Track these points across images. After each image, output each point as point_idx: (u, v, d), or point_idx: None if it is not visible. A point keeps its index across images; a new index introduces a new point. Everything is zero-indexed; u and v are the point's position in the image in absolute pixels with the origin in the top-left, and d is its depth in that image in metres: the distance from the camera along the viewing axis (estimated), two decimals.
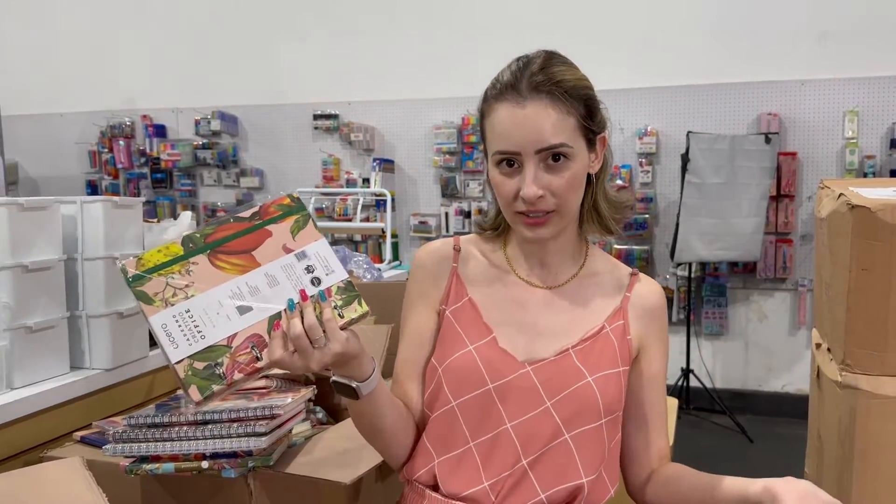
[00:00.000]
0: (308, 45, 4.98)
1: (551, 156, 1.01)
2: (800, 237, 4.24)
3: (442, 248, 1.17)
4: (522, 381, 1.05)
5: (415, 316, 1.15)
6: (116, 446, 1.20)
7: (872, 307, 1.22)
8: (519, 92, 1.01)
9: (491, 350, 1.07)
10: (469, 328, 1.09)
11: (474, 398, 1.05)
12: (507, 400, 1.04)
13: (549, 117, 1.00)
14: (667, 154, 4.38)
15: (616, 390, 1.07)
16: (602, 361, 1.07)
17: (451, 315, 1.11)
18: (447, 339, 1.10)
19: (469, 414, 1.05)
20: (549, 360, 1.06)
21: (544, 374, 1.05)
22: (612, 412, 1.07)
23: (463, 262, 1.15)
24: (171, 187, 5.30)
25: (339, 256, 3.01)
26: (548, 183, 1.02)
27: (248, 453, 1.18)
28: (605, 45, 4.33)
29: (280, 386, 1.39)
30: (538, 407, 1.04)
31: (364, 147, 4.91)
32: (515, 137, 1.01)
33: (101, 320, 1.66)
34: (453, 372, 1.07)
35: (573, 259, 1.15)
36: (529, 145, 1.00)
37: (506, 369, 1.06)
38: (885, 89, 4.05)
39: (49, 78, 5.45)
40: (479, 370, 1.05)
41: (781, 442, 3.80)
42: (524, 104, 1.00)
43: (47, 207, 1.59)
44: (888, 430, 1.22)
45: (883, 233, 1.19)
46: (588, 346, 1.08)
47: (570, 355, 1.07)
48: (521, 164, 1.02)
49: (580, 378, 1.05)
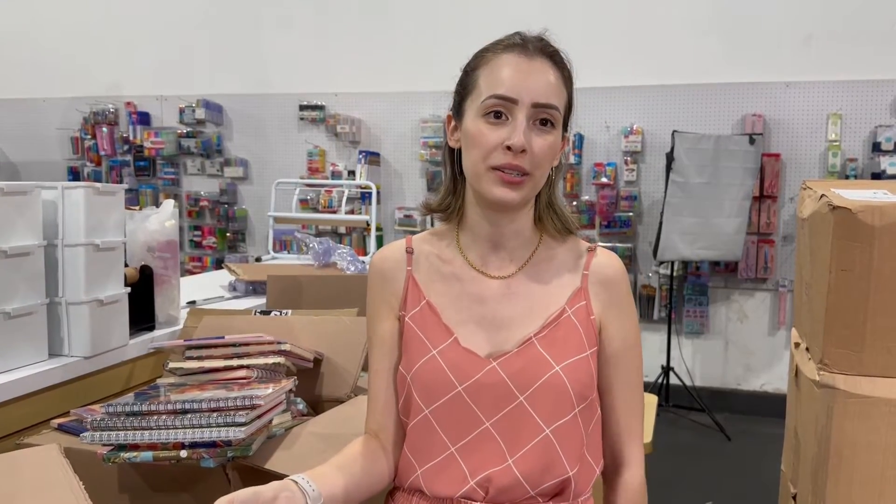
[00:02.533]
0: (295, 35, 4.95)
1: (540, 119, 1.01)
2: (781, 238, 4.28)
3: (395, 253, 1.15)
4: (490, 378, 1.03)
5: (378, 324, 1.13)
6: (94, 434, 1.19)
7: (851, 308, 1.24)
8: (527, 49, 1.02)
9: (454, 351, 1.05)
10: (430, 332, 1.07)
11: (446, 403, 1.03)
12: (480, 399, 1.03)
13: (552, 77, 1.02)
14: (652, 153, 4.40)
15: (585, 376, 1.05)
16: (567, 347, 1.05)
17: (411, 321, 1.09)
18: (410, 346, 1.08)
19: (444, 420, 1.04)
20: (512, 353, 1.04)
21: (511, 367, 1.03)
22: (585, 398, 1.05)
23: (416, 263, 1.13)
24: (154, 175, 5.26)
25: (322, 248, 2.98)
26: (532, 142, 1.01)
27: (227, 443, 1.17)
28: (592, 42, 4.33)
29: (261, 376, 1.38)
30: (511, 402, 1.02)
31: (350, 139, 4.89)
32: (517, 84, 1.00)
33: (81, 307, 1.64)
34: (421, 380, 1.05)
35: (527, 245, 1.12)
36: (529, 95, 1.00)
37: (471, 368, 1.04)
38: (868, 93, 4.08)
39: (30, 62, 5.38)
40: (445, 374, 1.04)
41: (758, 440, 3.84)
42: (532, 59, 1.01)
43: (28, 192, 1.57)
44: (864, 429, 1.23)
45: (863, 234, 1.20)
46: (551, 333, 1.05)
47: (533, 344, 1.05)
48: (510, 116, 1.01)
49: (547, 368, 1.03)
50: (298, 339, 1.57)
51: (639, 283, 4.48)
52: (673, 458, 3.44)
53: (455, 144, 1.09)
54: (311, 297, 2.01)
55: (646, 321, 4.44)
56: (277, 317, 1.75)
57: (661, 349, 4.27)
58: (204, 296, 2.38)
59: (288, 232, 4.44)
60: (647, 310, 4.46)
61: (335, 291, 2.01)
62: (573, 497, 1.05)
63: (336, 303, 1.87)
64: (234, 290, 2.55)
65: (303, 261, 3.08)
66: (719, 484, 3.29)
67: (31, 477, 1.07)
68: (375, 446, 1.09)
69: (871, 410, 1.23)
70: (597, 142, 4.46)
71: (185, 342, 1.47)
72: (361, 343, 1.59)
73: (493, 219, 1.09)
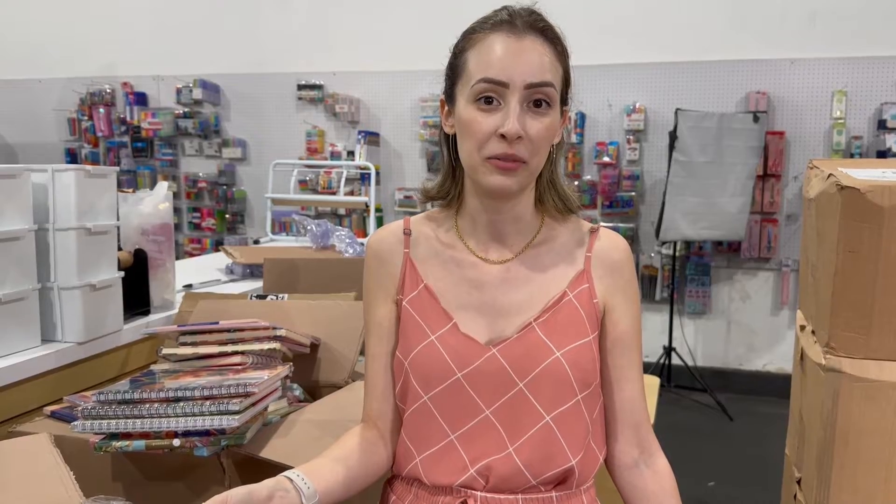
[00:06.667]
0: (292, 13, 4.88)
1: (534, 100, 0.96)
2: (785, 217, 4.24)
3: (392, 235, 1.11)
4: (490, 365, 1.00)
5: (375, 308, 1.10)
6: (85, 423, 1.17)
7: (858, 290, 1.21)
8: (515, 26, 0.97)
9: (453, 337, 1.02)
10: (429, 317, 1.04)
11: (445, 390, 1.01)
12: (479, 386, 1.00)
13: (544, 54, 0.97)
14: (654, 131, 4.35)
15: (588, 361, 1.02)
16: (569, 332, 1.02)
17: (409, 305, 1.06)
18: (408, 330, 1.05)
19: (443, 407, 1.01)
20: (512, 339, 1.01)
21: (510, 353, 1.00)
22: (588, 385, 1.02)
23: (414, 246, 1.10)
24: (152, 156, 5.22)
25: (321, 231, 2.96)
26: (528, 126, 0.96)
27: (220, 431, 1.15)
28: (595, 20, 4.27)
29: (256, 363, 1.36)
30: (511, 389, 1.00)
31: (349, 119, 4.84)
32: (508, 66, 0.95)
33: (74, 292, 1.62)
34: (419, 366, 1.02)
35: (528, 230, 1.08)
36: (520, 77, 0.95)
37: (471, 355, 1.01)
38: (873, 70, 4.03)
39: (26, 42, 5.32)
40: (444, 360, 1.01)
41: (761, 420, 3.83)
42: (521, 37, 0.96)
43: (17, 176, 1.53)
44: (870, 413, 1.21)
45: (871, 215, 1.17)
46: (551, 317, 1.02)
47: (533, 329, 1.01)
48: (502, 100, 0.96)
49: (548, 354, 1.00)
50: (295, 324, 1.55)
51: (641, 264, 4.45)
52: (675, 439, 3.43)
53: (450, 130, 1.05)
54: (308, 280, 1.99)
55: (648, 301, 4.42)
56: (274, 301, 1.72)
57: (663, 329, 4.25)
58: (200, 279, 2.36)
59: (287, 213, 4.41)
60: (650, 290, 4.43)
61: (333, 274, 1.99)
62: (576, 485, 1.03)
63: (334, 286, 1.84)
64: (232, 273, 2.53)
65: (301, 243, 3.05)
66: (721, 464, 3.29)
67: (20, 467, 1.05)
68: (373, 435, 1.07)
69: (877, 394, 1.21)
70: (599, 120, 4.41)
71: (179, 328, 1.44)
72: (359, 328, 1.57)
73: (491, 206, 1.05)
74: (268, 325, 1.41)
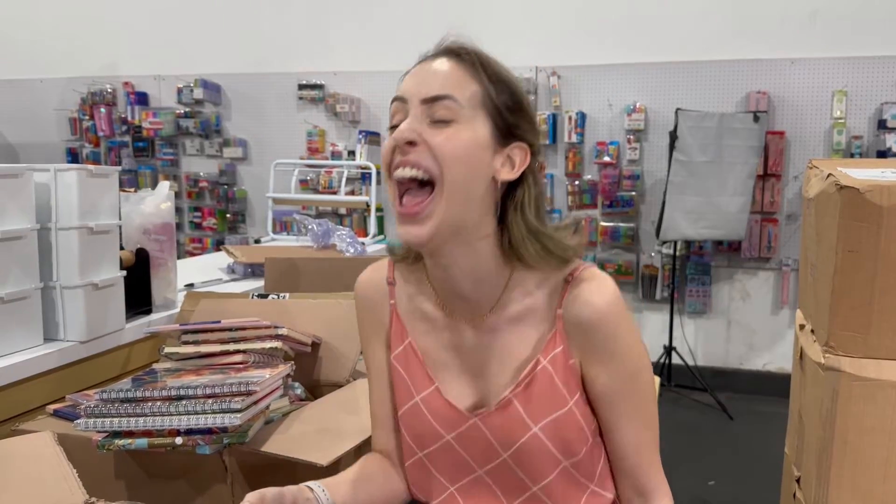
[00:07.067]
0: (293, 12, 4.88)
1: (436, 119, 0.90)
2: (785, 217, 4.24)
3: (377, 284, 1.07)
4: (474, 432, 0.99)
5: (370, 350, 1.10)
6: (88, 421, 1.18)
7: (857, 289, 1.22)
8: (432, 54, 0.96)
9: (436, 402, 1.01)
10: (413, 376, 1.03)
11: (438, 450, 1.01)
12: (469, 449, 1.00)
13: (446, 72, 0.92)
14: (655, 131, 4.35)
15: (570, 431, 0.96)
16: (544, 404, 0.95)
17: (396, 361, 1.05)
18: (397, 385, 1.05)
19: (439, 463, 1.02)
20: (493, 410, 0.98)
21: (491, 423, 0.98)
22: (574, 454, 0.97)
23: (399, 296, 1.06)
24: (153, 156, 5.22)
25: (322, 230, 2.96)
26: (427, 135, 0.90)
27: (223, 430, 1.16)
28: (595, 20, 4.27)
29: (258, 361, 1.37)
30: (497, 458, 0.99)
31: (350, 119, 4.85)
32: (406, 85, 0.94)
33: (76, 291, 1.62)
34: (409, 426, 1.03)
35: (490, 288, 0.97)
36: (415, 94, 0.91)
37: (455, 421, 1.00)
38: (874, 69, 4.03)
39: (27, 42, 5.32)
40: (431, 424, 1.01)
41: (761, 419, 3.84)
42: (431, 62, 0.94)
43: (19, 175, 1.54)
44: (869, 412, 1.21)
45: (870, 214, 1.18)
46: (526, 389, 0.96)
47: (511, 402, 0.96)
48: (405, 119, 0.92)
49: (525, 430, 0.96)
50: (296, 323, 1.55)
51: (641, 263, 4.45)
52: (675, 438, 3.44)
53: None
54: (309, 279, 1.99)
55: (648, 301, 4.43)
56: (275, 300, 1.73)
57: (664, 329, 4.25)
58: (202, 278, 2.36)
59: (288, 213, 4.42)
60: (650, 290, 4.44)
61: (334, 274, 1.99)
62: None
63: (335, 285, 1.84)
64: (233, 272, 2.54)
65: (302, 242, 3.05)
66: (721, 463, 3.29)
67: (23, 465, 1.05)
68: (387, 465, 1.09)
69: (876, 393, 1.21)
70: (599, 120, 4.41)
71: (181, 326, 1.45)
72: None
73: (435, 264, 0.98)
74: (269, 324, 1.42)
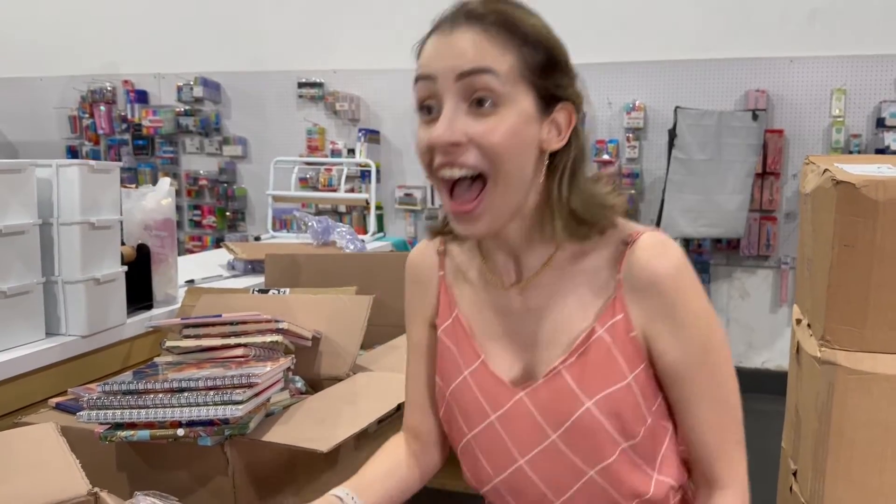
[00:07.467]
0: (292, 11, 4.89)
1: (476, 100, 0.80)
2: (784, 215, 4.25)
3: (427, 257, 1.03)
4: (519, 410, 0.90)
5: (413, 328, 1.05)
6: (90, 413, 1.19)
7: (853, 283, 1.23)
8: (449, 20, 0.83)
9: (483, 376, 0.94)
10: (461, 349, 0.97)
11: (483, 431, 0.93)
12: (512, 432, 0.91)
13: (476, 42, 0.80)
14: (654, 129, 4.36)
15: (628, 409, 0.86)
16: (600, 377, 0.86)
17: (444, 335, 0.99)
18: (445, 360, 0.99)
19: (484, 448, 0.94)
20: (539, 383, 0.89)
21: (538, 398, 0.89)
22: (633, 435, 0.87)
23: (449, 267, 1.01)
24: (153, 154, 5.23)
25: (321, 227, 2.97)
26: (467, 127, 0.81)
27: (224, 421, 1.17)
28: (595, 18, 4.28)
29: (258, 355, 1.38)
30: (544, 440, 0.88)
31: (349, 117, 4.85)
32: (432, 61, 0.83)
33: (78, 286, 1.63)
34: (458, 402, 0.96)
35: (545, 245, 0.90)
36: (447, 70, 0.81)
37: (501, 397, 0.91)
38: (872, 68, 4.04)
39: (27, 40, 5.32)
40: (478, 400, 0.93)
41: (760, 417, 3.82)
42: (453, 28, 0.82)
43: (22, 170, 1.55)
44: (864, 405, 1.22)
45: (866, 209, 1.19)
46: (579, 360, 0.87)
47: (560, 375, 0.87)
48: (439, 107, 0.83)
49: (577, 404, 0.86)
50: (296, 317, 1.56)
51: None
52: None
53: None
54: (309, 275, 2.00)
55: None
56: (275, 295, 1.74)
57: None
58: (202, 275, 2.37)
59: (287, 211, 4.42)
60: None
61: (334, 270, 2.00)
62: None
63: (335, 281, 1.85)
64: (233, 269, 2.54)
65: (302, 239, 3.06)
66: None
67: (27, 455, 1.06)
68: (417, 446, 1.05)
69: (872, 387, 1.22)
70: (598, 118, 4.42)
71: (183, 321, 1.46)
72: (360, 321, 1.58)
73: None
74: (270, 318, 1.43)
